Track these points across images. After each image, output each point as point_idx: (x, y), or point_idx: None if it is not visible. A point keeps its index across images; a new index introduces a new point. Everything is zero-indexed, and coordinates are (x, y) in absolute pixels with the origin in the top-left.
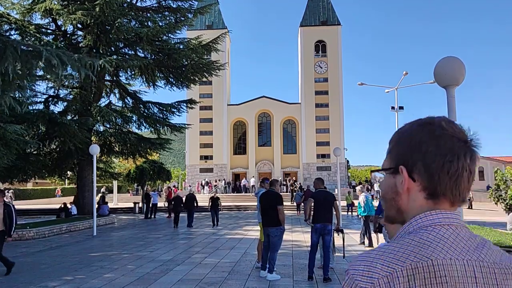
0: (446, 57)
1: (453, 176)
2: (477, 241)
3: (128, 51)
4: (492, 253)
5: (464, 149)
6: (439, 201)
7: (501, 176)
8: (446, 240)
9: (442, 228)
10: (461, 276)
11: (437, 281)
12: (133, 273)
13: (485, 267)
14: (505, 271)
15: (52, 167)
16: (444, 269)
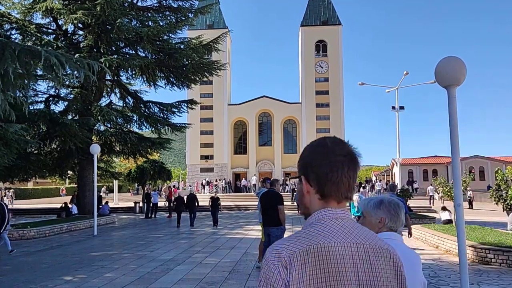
0: (447, 57)
1: (335, 182)
2: (357, 229)
3: (129, 50)
4: (368, 238)
5: (344, 162)
6: (328, 201)
7: (501, 176)
8: (332, 229)
9: (331, 221)
10: (340, 255)
11: (322, 258)
12: (133, 273)
13: (361, 248)
14: (377, 251)
15: (53, 167)
16: (327, 250)
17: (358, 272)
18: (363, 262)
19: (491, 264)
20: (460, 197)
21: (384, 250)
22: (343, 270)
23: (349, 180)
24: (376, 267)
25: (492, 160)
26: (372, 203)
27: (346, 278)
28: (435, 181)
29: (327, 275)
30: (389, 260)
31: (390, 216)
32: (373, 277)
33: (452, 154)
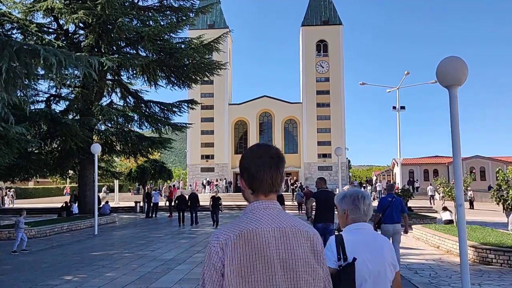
0: (449, 57)
1: (260, 180)
2: (281, 216)
3: (129, 50)
4: (290, 223)
5: (266, 163)
6: (258, 194)
7: (502, 176)
8: (260, 217)
9: (260, 211)
10: (266, 237)
11: (250, 240)
12: (134, 272)
13: (282, 231)
14: (296, 233)
15: (54, 166)
16: (255, 233)
17: (279, 250)
18: (284, 242)
19: (492, 265)
20: (462, 197)
21: (303, 232)
22: (267, 249)
23: (272, 178)
24: (294, 245)
25: (493, 160)
26: (338, 197)
27: (270, 254)
28: (435, 181)
29: (254, 252)
30: (307, 239)
31: (350, 208)
32: (292, 253)
33: (454, 154)
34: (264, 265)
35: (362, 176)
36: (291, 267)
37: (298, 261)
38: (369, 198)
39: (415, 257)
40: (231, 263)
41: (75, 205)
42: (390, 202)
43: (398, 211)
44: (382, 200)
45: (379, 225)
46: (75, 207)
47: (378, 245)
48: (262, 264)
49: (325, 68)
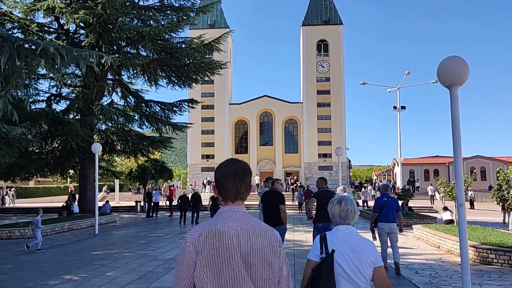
0: (450, 56)
1: (228, 190)
2: (245, 218)
3: (130, 50)
4: (252, 224)
5: (231, 175)
6: (226, 201)
7: (503, 176)
8: (226, 218)
9: (227, 213)
10: (230, 234)
11: (217, 236)
12: (135, 272)
13: (245, 230)
14: (257, 233)
15: (54, 166)
16: (221, 231)
17: (241, 246)
18: (245, 239)
19: (492, 264)
20: (462, 197)
21: (263, 232)
22: (230, 245)
23: (236, 188)
24: (254, 243)
25: (493, 160)
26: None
27: (233, 249)
28: (436, 181)
29: (220, 247)
30: (266, 239)
31: (331, 213)
32: (252, 249)
33: (454, 154)
34: (228, 257)
35: (362, 176)
36: (250, 260)
37: (256, 256)
38: (347, 205)
39: (416, 257)
40: (201, 255)
41: (76, 205)
42: (386, 202)
43: (394, 211)
44: (377, 200)
45: (375, 224)
46: (76, 206)
47: (357, 244)
48: (226, 257)
49: (325, 68)
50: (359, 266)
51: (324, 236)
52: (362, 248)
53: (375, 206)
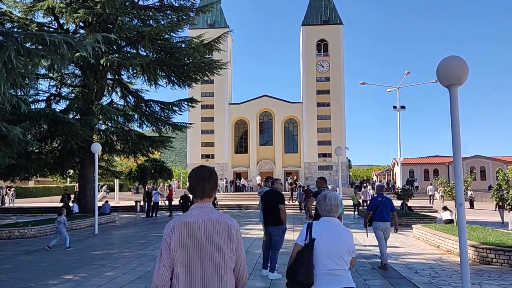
0: (449, 56)
1: (194, 189)
2: (210, 212)
3: (130, 49)
4: (215, 216)
5: (197, 178)
6: (196, 199)
7: (502, 176)
8: (195, 213)
9: (196, 209)
10: (197, 224)
11: (187, 226)
12: (134, 272)
13: (209, 221)
14: (218, 223)
15: (54, 166)
16: (190, 222)
17: (206, 232)
18: (209, 228)
19: (492, 264)
20: (462, 197)
21: (224, 222)
22: (198, 231)
23: (202, 188)
24: (216, 231)
25: (493, 160)
26: None
27: (199, 235)
28: (436, 181)
29: (190, 233)
30: (225, 227)
31: (318, 207)
32: (213, 234)
33: (454, 154)
34: (195, 240)
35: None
36: (212, 243)
37: (217, 239)
38: (331, 200)
39: (415, 257)
40: (175, 238)
41: (75, 204)
42: (380, 202)
43: (388, 210)
44: (373, 200)
45: (370, 222)
46: (76, 206)
47: (338, 234)
48: (194, 240)
49: (325, 67)
50: (339, 251)
51: (311, 225)
52: (342, 236)
53: (370, 205)
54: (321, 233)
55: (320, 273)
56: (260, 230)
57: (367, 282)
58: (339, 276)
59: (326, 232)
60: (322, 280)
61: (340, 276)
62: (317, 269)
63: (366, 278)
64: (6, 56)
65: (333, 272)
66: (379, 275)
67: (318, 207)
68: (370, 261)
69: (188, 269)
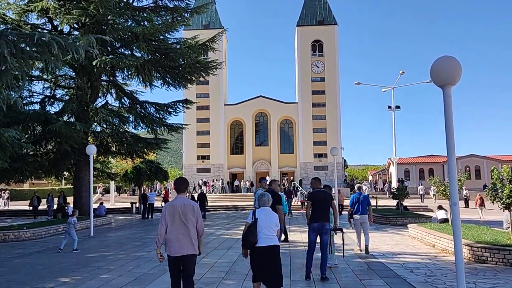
0: (442, 56)
1: (179, 189)
2: (184, 199)
3: (124, 51)
4: (187, 201)
5: (179, 184)
6: (178, 192)
7: (497, 175)
8: (177, 200)
9: (177, 198)
10: (177, 205)
11: (172, 207)
12: (130, 274)
13: (183, 204)
14: (189, 204)
15: (49, 168)
16: (174, 205)
17: (181, 209)
18: (184, 207)
19: (487, 263)
20: (456, 196)
21: (191, 204)
22: (178, 208)
23: (180, 188)
24: (186, 208)
25: (488, 159)
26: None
27: (178, 210)
28: (430, 181)
29: (173, 209)
30: (192, 207)
31: (259, 200)
32: (185, 210)
33: (448, 153)
34: (176, 213)
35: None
36: (184, 213)
37: (186, 212)
38: (265, 197)
39: (411, 256)
40: (167, 212)
41: (71, 207)
42: (358, 199)
43: (365, 205)
44: (352, 197)
45: (351, 216)
46: (71, 208)
47: (269, 215)
48: (175, 213)
49: (320, 68)
50: (271, 225)
51: (255, 211)
52: (272, 217)
53: (350, 202)
54: (260, 215)
55: (261, 236)
56: None
57: (363, 282)
58: (271, 238)
59: (263, 215)
60: (262, 240)
61: (272, 238)
62: (259, 234)
63: (362, 278)
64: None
65: (268, 236)
66: (375, 275)
67: (259, 201)
68: (365, 260)
69: (172, 225)
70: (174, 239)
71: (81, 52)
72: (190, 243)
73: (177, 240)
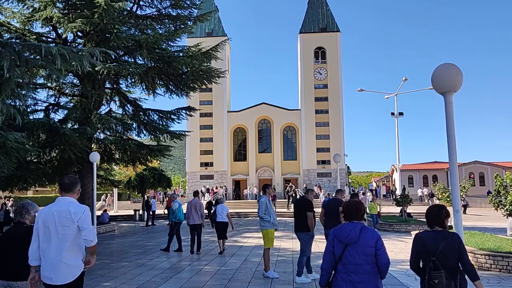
0: (443, 63)
1: None
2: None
3: (128, 59)
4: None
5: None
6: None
7: (500, 182)
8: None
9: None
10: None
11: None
12: (133, 281)
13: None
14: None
15: (52, 175)
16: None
17: None
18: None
19: (491, 270)
20: (459, 203)
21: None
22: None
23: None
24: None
25: (492, 166)
26: None
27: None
28: (434, 187)
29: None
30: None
31: None
32: None
33: (450, 160)
34: None
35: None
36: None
37: None
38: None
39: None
40: None
41: None
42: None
43: None
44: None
45: None
46: None
47: (222, 208)
48: None
49: (323, 75)
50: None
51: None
52: (223, 209)
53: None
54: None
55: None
56: (259, 238)
57: None
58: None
59: (220, 208)
60: None
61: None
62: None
63: None
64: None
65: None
66: None
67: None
68: None
69: None
70: None
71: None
72: None
73: None
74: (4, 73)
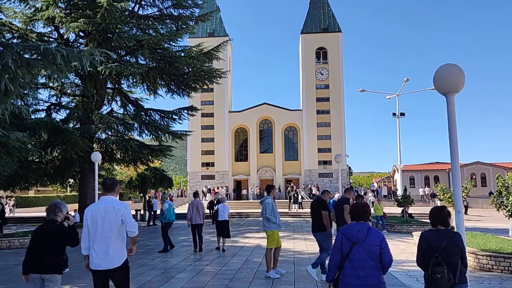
0: (445, 64)
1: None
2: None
3: (129, 58)
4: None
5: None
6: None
7: (502, 183)
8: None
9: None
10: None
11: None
12: (134, 281)
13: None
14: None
15: (54, 175)
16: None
17: None
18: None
19: (492, 271)
20: (460, 203)
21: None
22: None
23: None
24: None
25: (493, 166)
26: None
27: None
28: (436, 187)
29: None
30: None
31: None
32: None
33: (452, 160)
34: None
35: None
36: None
37: None
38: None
39: (416, 264)
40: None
41: (77, 214)
42: None
43: None
44: None
45: None
46: (77, 215)
47: (224, 208)
48: None
49: (324, 75)
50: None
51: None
52: (225, 208)
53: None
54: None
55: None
56: (260, 238)
57: None
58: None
59: (221, 207)
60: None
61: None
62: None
63: None
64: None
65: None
66: None
67: None
68: None
69: None
70: None
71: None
72: None
73: None
74: (11, 74)
